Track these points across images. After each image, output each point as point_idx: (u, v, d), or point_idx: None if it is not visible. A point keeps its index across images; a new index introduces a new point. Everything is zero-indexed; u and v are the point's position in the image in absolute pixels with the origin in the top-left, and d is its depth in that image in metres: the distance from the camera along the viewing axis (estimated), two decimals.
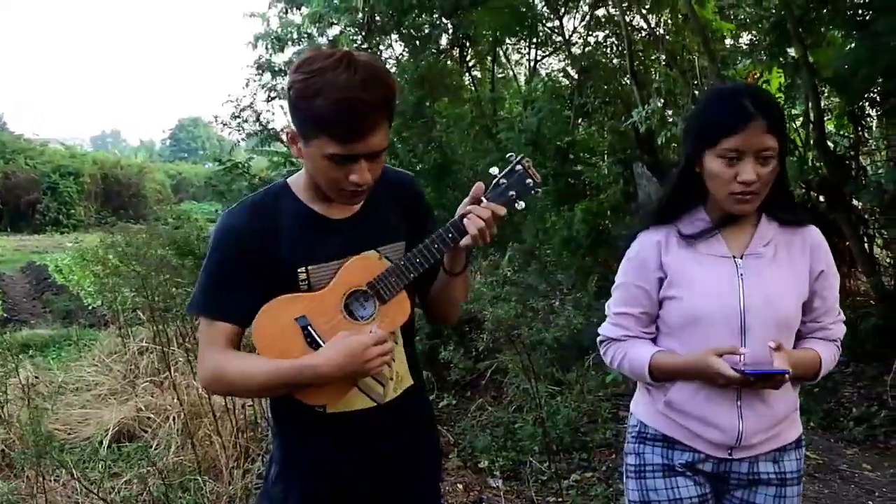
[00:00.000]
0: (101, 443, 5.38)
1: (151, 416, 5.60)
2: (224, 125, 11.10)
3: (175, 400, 5.34)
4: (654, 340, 2.16)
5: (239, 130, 11.00)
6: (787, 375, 1.90)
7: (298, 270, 1.88)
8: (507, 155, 2.00)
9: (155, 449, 5.16)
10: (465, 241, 1.91)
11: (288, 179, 1.98)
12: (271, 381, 1.85)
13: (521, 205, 1.93)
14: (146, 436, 5.41)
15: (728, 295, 2.01)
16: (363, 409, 1.97)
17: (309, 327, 1.87)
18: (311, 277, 1.89)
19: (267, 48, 12.94)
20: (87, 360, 7.59)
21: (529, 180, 1.95)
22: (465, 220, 1.89)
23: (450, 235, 1.92)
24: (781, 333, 2.00)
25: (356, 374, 1.87)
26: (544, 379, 5.47)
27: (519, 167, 1.94)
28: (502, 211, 1.91)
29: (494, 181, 1.94)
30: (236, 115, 11.17)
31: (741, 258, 2.05)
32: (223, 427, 4.83)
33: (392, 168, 2.11)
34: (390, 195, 2.04)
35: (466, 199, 1.94)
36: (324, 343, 1.87)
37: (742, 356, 1.95)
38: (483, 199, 1.92)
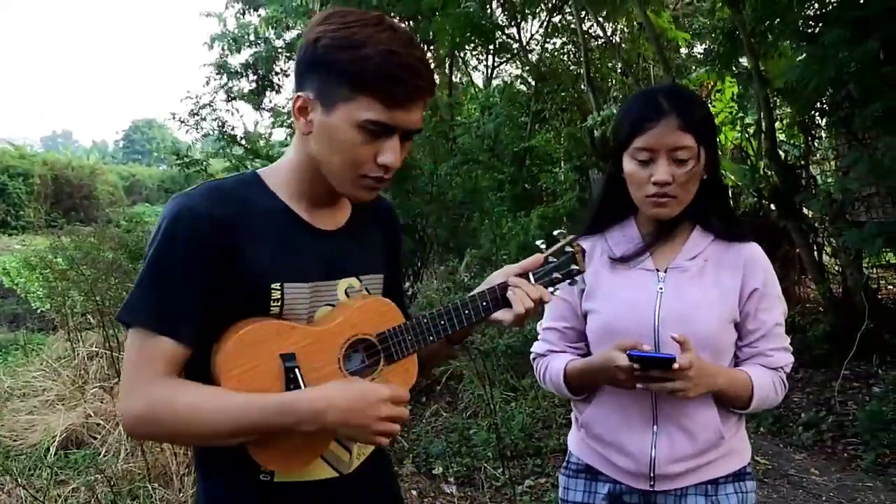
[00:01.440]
0: (48, 450, 5.27)
1: (101, 422, 5.50)
2: (182, 122, 10.89)
3: None
4: (584, 356, 2.00)
5: (197, 129, 10.83)
6: (675, 363, 1.70)
7: (272, 286, 1.46)
8: (556, 231, 1.77)
9: (104, 456, 5.07)
10: (505, 317, 1.63)
11: (259, 171, 1.58)
12: (242, 421, 1.38)
13: (558, 292, 1.72)
14: (95, 442, 5.32)
15: (643, 309, 1.89)
16: (319, 480, 1.55)
17: (296, 370, 1.44)
18: (284, 298, 1.47)
19: (224, 49, 12.84)
20: (35, 366, 7.42)
21: (575, 266, 1.73)
22: (509, 293, 1.63)
23: (485, 304, 1.64)
24: (701, 353, 1.79)
25: (356, 431, 1.44)
26: (499, 385, 5.51)
27: (569, 249, 1.72)
28: (548, 298, 1.66)
29: (544, 260, 1.70)
30: (195, 112, 10.99)
31: (665, 271, 1.92)
32: None
33: None
34: (373, 218, 1.70)
35: (513, 268, 1.68)
36: None
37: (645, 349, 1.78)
38: (530, 275, 1.67)
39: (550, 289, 1.69)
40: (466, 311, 1.63)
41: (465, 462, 4.82)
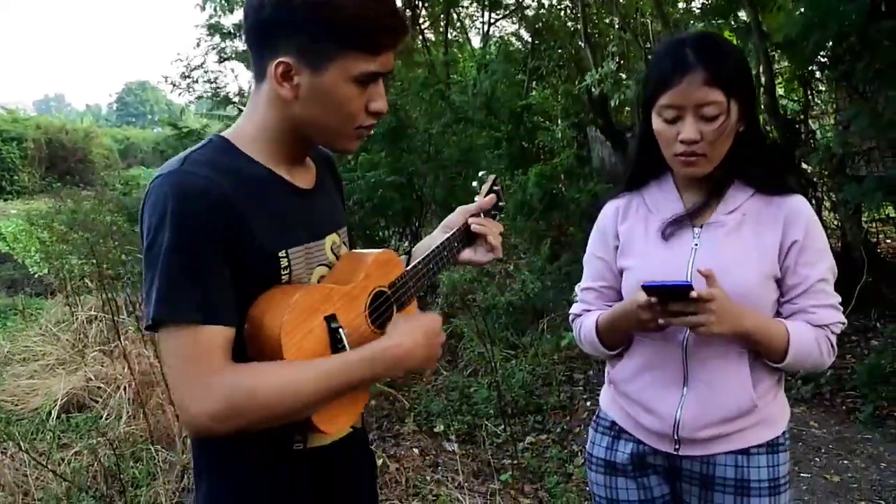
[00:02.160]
0: (49, 414, 5.29)
1: (102, 385, 5.51)
2: (174, 85, 10.76)
3: (126, 369, 5.27)
4: None
5: (189, 91, 10.73)
6: (693, 291, 1.63)
7: (279, 255, 1.42)
8: (481, 173, 1.97)
9: (106, 419, 5.09)
10: (479, 256, 1.86)
11: (224, 134, 1.50)
12: (330, 387, 1.36)
13: None
14: (97, 406, 5.33)
15: (676, 265, 1.81)
16: (339, 439, 1.57)
17: (340, 331, 1.43)
18: (291, 265, 1.45)
19: (216, 9, 12.67)
20: (34, 330, 7.42)
21: (501, 203, 1.97)
22: (476, 230, 1.83)
23: (457, 245, 1.81)
24: None
25: (427, 362, 1.51)
26: (499, 343, 5.52)
27: (496, 188, 1.95)
28: (501, 229, 1.88)
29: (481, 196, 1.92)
30: (186, 74, 10.86)
31: (701, 227, 1.83)
32: None
33: None
34: (327, 170, 1.70)
35: (469, 208, 1.86)
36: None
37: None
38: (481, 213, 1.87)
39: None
40: (446, 253, 1.78)
41: (465, 420, 4.84)
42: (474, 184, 1.95)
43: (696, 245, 1.83)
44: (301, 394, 1.33)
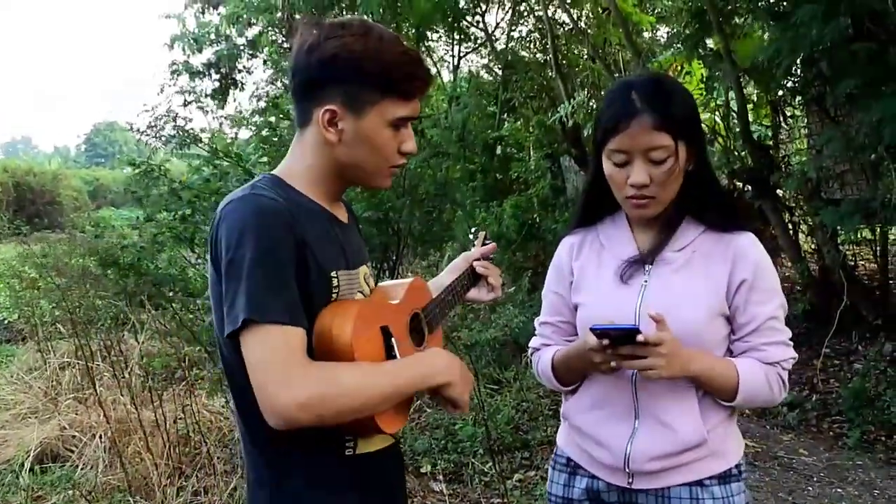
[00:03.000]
0: (22, 465, 5.12)
1: (76, 434, 5.35)
2: (140, 132, 10.75)
3: (101, 417, 5.11)
4: None
5: (156, 139, 10.71)
6: (639, 335, 1.63)
7: (331, 275, 1.60)
8: (473, 229, 2.29)
9: (81, 469, 4.93)
10: (482, 295, 2.16)
11: (275, 173, 1.69)
12: (399, 384, 1.55)
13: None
14: (72, 456, 5.17)
15: (625, 302, 1.84)
16: (382, 449, 1.72)
17: (392, 341, 1.62)
18: (341, 286, 1.62)
19: (184, 50, 12.65)
20: (5, 378, 7.22)
21: (491, 256, 2.22)
22: (481, 271, 2.11)
23: (465, 283, 2.09)
24: (685, 346, 1.74)
25: (465, 389, 1.70)
26: (483, 378, 5.44)
27: (488, 241, 2.23)
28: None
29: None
30: (153, 124, 10.87)
31: (651, 263, 1.86)
32: (154, 443, 4.64)
33: None
34: (348, 209, 1.87)
35: (472, 254, 2.15)
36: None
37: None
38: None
39: None
40: (459, 289, 2.05)
41: (452, 458, 4.74)
42: (470, 236, 2.23)
43: (646, 282, 1.85)
44: (378, 386, 1.52)
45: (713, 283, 1.81)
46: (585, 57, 9.85)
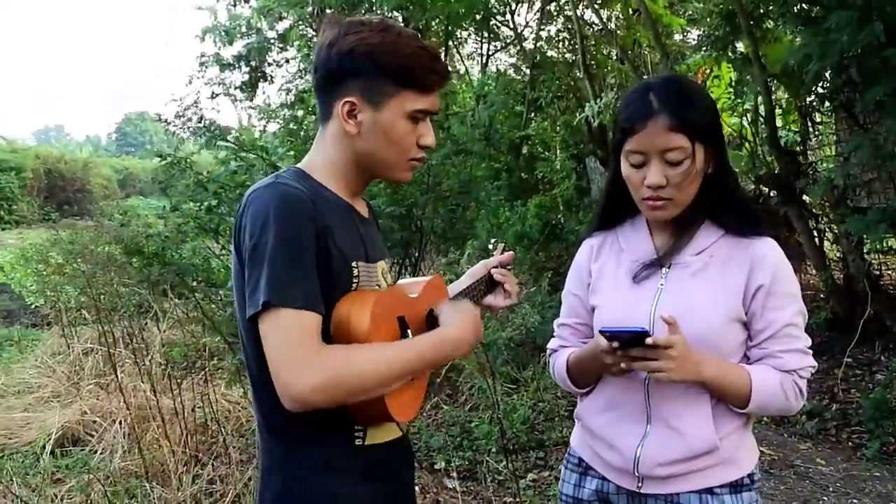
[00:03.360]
0: (43, 448, 5.19)
1: (97, 419, 5.42)
2: (167, 123, 10.84)
3: (121, 403, 5.18)
4: None
5: (183, 130, 10.81)
6: (649, 338, 1.64)
7: (352, 265, 1.64)
8: (493, 240, 2.31)
9: (100, 454, 4.99)
10: (498, 301, 2.14)
11: (300, 166, 1.74)
12: (412, 361, 1.60)
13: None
14: (91, 440, 5.23)
15: (640, 305, 1.83)
16: (391, 441, 1.76)
17: (408, 331, 1.69)
18: (360, 277, 1.66)
19: (215, 42, 12.74)
20: (30, 362, 7.33)
21: (510, 266, 2.23)
22: (499, 278, 2.11)
23: (483, 288, 2.10)
24: (699, 350, 1.73)
25: (476, 340, 1.75)
26: (500, 377, 5.44)
27: (507, 252, 2.25)
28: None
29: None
30: (180, 114, 10.96)
31: (668, 267, 1.85)
32: (172, 430, 4.70)
33: None
34: (368, 206, 1.92)
35: (491, 262, 2.15)
36: None
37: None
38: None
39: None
40: (475, 292, 2.05)
41: (466, 456, 4.75)
42: (490, 247, 2.26)
43: (662, 286, 1.84)
44: (390, 364, 1.55)
45: (730, 288, 1.79)
46: (614, 58, 9.81)
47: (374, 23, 1.65)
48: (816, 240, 6.85)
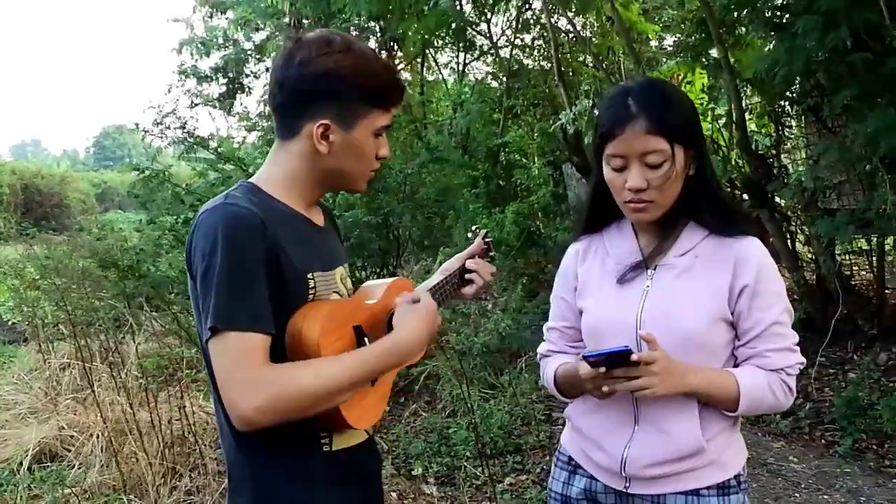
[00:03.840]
0: (20, 464, 5.18)
1: (74, 434, 5.41)
2: (145, 132, 10.76)
3: (98, 417, 5.18)
4: None
5: (161, 137, 10.75)
6: (631, 355, 1.66)
7: (308, 276, 1.67)
8: (474, 227, 2.36)
9: (78, 468, 4.99)
10: (468, 290, 2.19)
11: (252, 180, 1.75)
12: (357, 373, 1.60)
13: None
14: (69, 455, 5.23)
15: (627, 307, 1.86)
16: (358, 444, 1.80)
17: (365, 339, 1.71)
18: (317, 287, 1.69)
19: (192, 54, 12.76)
20: (6, 378, 7.27)
21: (491, 253, 2.33)
22: (471, 267, 2.18)
23: (455, 281, 2.16)
24: (687, 352, 1.78)
25: (430, 340, 1.79)
26: (477, 383, 5.49)
27: (488, 239, 2.33)
28: (494, 269, 2.27)
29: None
30: (158, 121, 10.89)
31: (654, 269, 1.88)
32: (149, 444, 4.71)
33: None
34: (328, 216, 1.96)
35: (463, 254, 2.23)
36: None
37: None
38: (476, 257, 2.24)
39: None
40: (447, 287, 2.11)
41: (444, 462, 4.79)
42: (468, 235, 2.31)
43: (648, 287, 1.87)
44: (336, 377, 1.56)
45: (715, 287, 1.82)
46: (589, 65, 9.91)
47: (338, 42, 1.67)
48: (789, 241, 6.95)
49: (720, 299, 1.81)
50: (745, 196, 7.07)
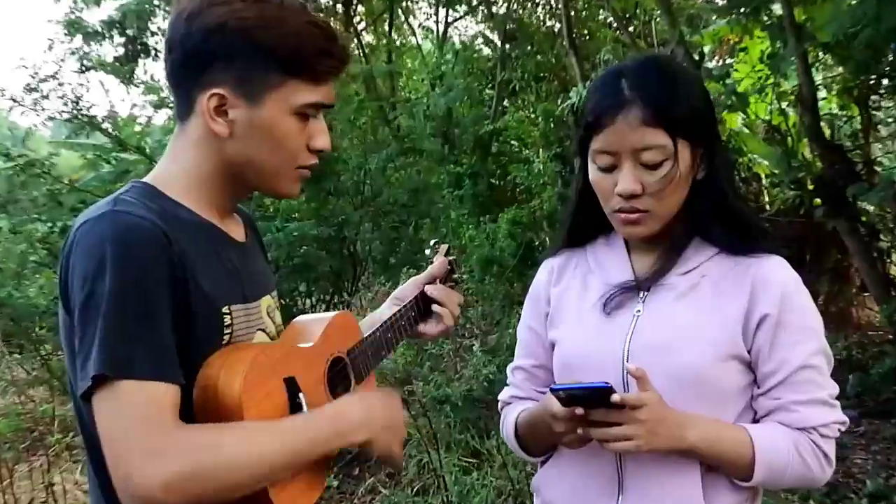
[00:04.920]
0: None
1: None
2: (14, 101, 10.24)
3: None
4: None
5: (37, 111, 10.30)
6: (614, 395, 1.63)
7: (223, 311, 1.63)
8: (432, 242, 2.40)
9: None
10: (434, 328, 2.18)
11: (147, 180, 1.71)
12: (298, 445, 1.56)
13: None
14: None
15: (611, 337, 1.86)
16: None
17: (300, 396, 1.65)
18: (235, 324, 1.65)
19: (75, 2, 12.57)
20: None
21: (456, 274, 2.33)
22: (434, 297, 2.15)
23: (413, 315, 2.14)
24: (686, 397, 1.76)
25: (391, 443, 1.74)
26: (455, 449, 5.42)
27: (451, 257, 2.32)
28: (462, 299, 2.25)
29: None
30: (33, 87, 10.42)
31: (648, 290, 1.88)
32: None
33: None
34: (251, 228, 1.93)
35: (421, 278, 2.21)
36: None
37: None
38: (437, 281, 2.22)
39: None
40: (403, 322, 2.08)
41: None
42: (427, 251, 2.33)
43: (639, 312, 1.86)
44: (266, 455, 1.51)
45: (724, 315, 1.81)
46: (609, 26, 9.91)
47: None
48: (877, 262, 6.92)
49: (732, 330, 1.80)
50: (817, 201, 7.04)
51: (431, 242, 2.37)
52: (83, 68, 11.32)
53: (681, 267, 1.86)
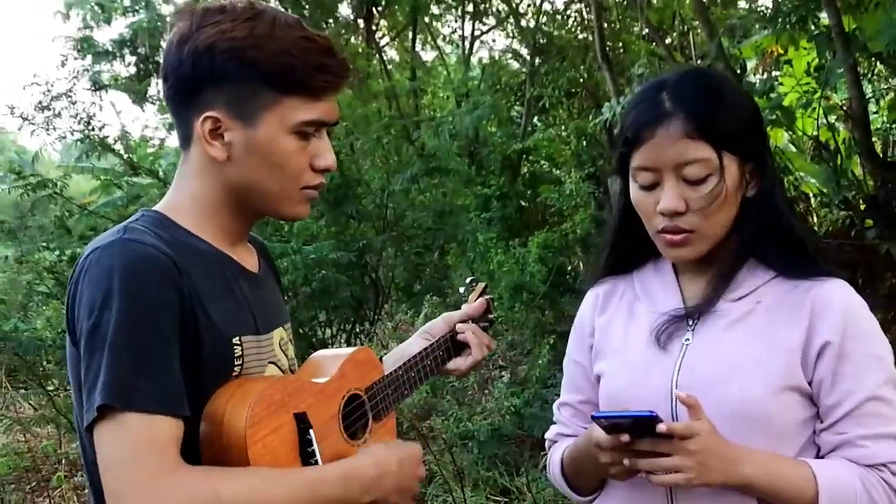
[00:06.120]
0: None
1: None
2: (25, 120, 10.08)
3: None
4: None
5: (48, 130, 10.23)
6: (660, 424, 1.61)
7: (233, 341, 1.66)
8: (469, 279, 2.41)
9: None
10: (460, 365, 2.22)
11: (158, 208, 1.75)
12: (304, 498, 1.58)
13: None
14: None
15: (658, 369, 1.85)
16: None
17: (310, 432, 1.66)
18: (246, 356, 1.68)
19: (85, 18, 12.64)
20: None
21: (492, 314, 2.38)
22: (465, 338, 2.20)
23: (442, 354, 2.18)
24: (740, 433, 1.72)
25: (404, 494, 1.77)
26: (483, 487, 5.39)
27: (488, 296, 2.37)
28: (493, 345, 2.31)
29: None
30: (45, 105, 10.33)
31: (698, 317, 1.85)
32: None
33: None
34: (263, 257, 1.96)
35: (455, 315, 2.27)
36: (320, 459, 1.67)
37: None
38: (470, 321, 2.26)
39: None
40: (428, 362, 2.12)
41: None
42: (461, 289, 2.36)
43: (688, 342, 1.84)
44: (279, 499, 1.53)
45: (782, 345, 1.77)
46: (644, 38, 9.89)
47: (238, 9, 1.66)
48: None
49: (788, 361, 1.77)
50: (869, 222, 6.97)
51: (467, 280, 2.39)
52: (95, 86, 11.35)
53: (733, 292, 1.84)
